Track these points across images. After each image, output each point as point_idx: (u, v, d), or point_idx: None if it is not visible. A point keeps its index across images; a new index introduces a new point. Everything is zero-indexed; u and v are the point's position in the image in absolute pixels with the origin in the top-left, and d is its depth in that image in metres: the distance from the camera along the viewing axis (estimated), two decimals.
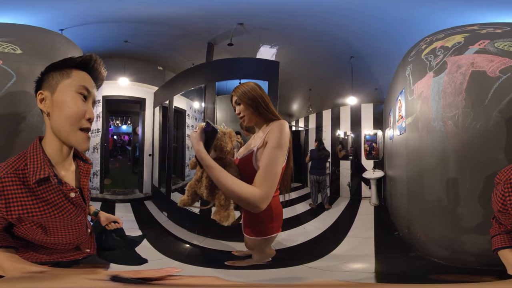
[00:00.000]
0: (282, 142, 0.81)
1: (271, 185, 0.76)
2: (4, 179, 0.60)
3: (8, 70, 1.15)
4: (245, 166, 0.88)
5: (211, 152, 0.87)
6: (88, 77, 0.70)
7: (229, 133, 0.91)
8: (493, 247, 0.89)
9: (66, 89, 0.65)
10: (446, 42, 1.52)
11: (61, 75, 0.66)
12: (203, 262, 1.79)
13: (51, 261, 0.73)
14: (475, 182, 1.30)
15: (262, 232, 1.00)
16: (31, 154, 0.64)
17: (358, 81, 2.50)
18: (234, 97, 0.96)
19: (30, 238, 0.68)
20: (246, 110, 0.93)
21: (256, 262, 1.30)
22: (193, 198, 0.97)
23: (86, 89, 0.67)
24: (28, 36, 1.41)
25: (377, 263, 1.61)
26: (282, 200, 1.04)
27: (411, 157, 1.77)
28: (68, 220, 0.69)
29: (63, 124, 0.64)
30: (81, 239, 0.77)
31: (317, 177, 2.53)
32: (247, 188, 0.73)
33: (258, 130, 0.97)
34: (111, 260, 0.90)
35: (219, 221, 0.87)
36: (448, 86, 1.38)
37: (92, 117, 0.68)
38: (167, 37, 2.34)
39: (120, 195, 2.54)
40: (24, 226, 0.65)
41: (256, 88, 0.94)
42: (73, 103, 0.64)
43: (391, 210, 2.34)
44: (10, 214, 0.61)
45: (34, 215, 0.63)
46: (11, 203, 0.61)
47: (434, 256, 1.50)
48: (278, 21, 2.04)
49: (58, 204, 0.66)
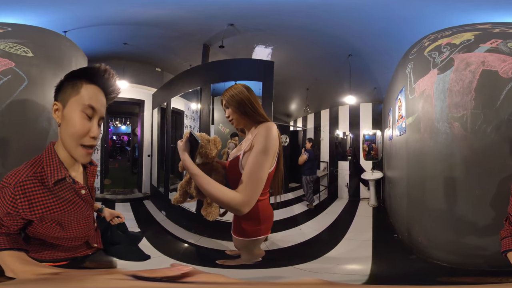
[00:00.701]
0: (268, 146, 0.77)
1: (254, 190, 0.74)
2: (26, 182, 0.63)
3: (20, 74, 1.15)
4: (233, 169, 0.87)
5: (197, 158, 0.91)
6: (96, 93, 0.68)
7: (213, 140, 0.94)
8: (503, 249, 0.85)
9: (73, 107, 0.66)
10: (453, 39, 1.37)
11: (72, 89, 0.67)
12: (196, 260, 1.77)
13: (68, 257, 0.77)
14: (484, 187, 1.18)
15: (248, 234, 0.97)
16: (47, 158, 0.68)
17: (357, 80, 2.36)
18: (223, 101, 0.94)
19: (47, 236, 0.71)
20: (234, 113, 0.91)
21: (244, 262, 1.27)
22: (184, 196, 1.03)
23: (91, 108, 0.67)
24: (38, 38, 1.40)
25: (374, 265, 1.53)
26: (273, 202, 1.02)
27: (412, 159, 1.63)
28: (80, 214, 0.73)
29: (66, 139, 0.67)
30: (90, 232, 0.81)
31: (312, 177, 2.46)
32: (228, 193, 0.73)
33: (248, 133, 0.95)
34: (118, 255, 0.92)
35: (206, 216, 0.93)
36: (455, 84, 1.22)
37: (96, 135, 0.68)
38: (164, 39, 2.29)
39: (119, 195, 2.50)
40: (44, 224, 0.68)
41: (244, 91, 0.91)
42: (78, 121, 0.66)
43: (390, 212, 2.22)
44: (34, 214, 0.64)
45: (55, 211, 0.67)
46: (34, 204, 0.64)
47: (437, 259, 1.40)
48: (272, 20, 1.94)
49: (72, 200, 0.71)
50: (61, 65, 1.36)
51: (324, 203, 2.60)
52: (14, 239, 0.67)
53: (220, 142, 0.96)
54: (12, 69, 1.12)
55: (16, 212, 0.63)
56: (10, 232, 0.67)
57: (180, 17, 1.95)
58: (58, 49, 1.46)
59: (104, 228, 0.93)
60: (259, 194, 0.76)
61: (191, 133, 0.82)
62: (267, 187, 0.92)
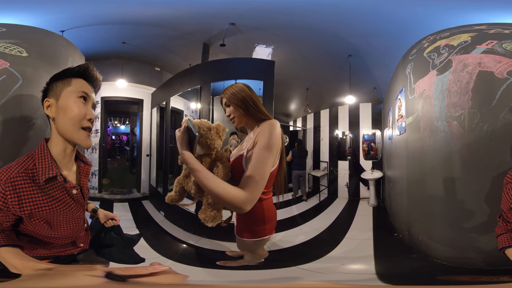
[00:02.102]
0: (272, 142, 0.76)
1: (257, 187, 0.72)
2: (16, 178, 0.64)
3: (15, 73, 1.16)
4: (237, 168, 0.84)
5: (197, 149, 0.80)
6: (86, 83, 0.75)
7: (215, 128, 0.84)
8: (500, 246, 0.86)
9: (68, 96, 0.71)
10: (451, 41, 1.42)
11: (63, 84, 0.72)
12: (195, 261, 1.74)
13: (52, 256, 0.76)
14: (482, 184, 1.22)
15: (253, 234, 0.96)
16: (39, 155, 0.69)
17: (356, 80, 2.40)
18: (223, 99, 0.92)
19: (36, 233, 0.72)
20: (236, 111, 0.89)
21: (247, 263, 1.26)
22: (180, 194, 0.91)
23: (85, 93, 0.73)
24: (33, 38, 1.40)
25: (377, 264, 1.53)
26: (276, 202, 0.99)
27: (412, 158, 1.66)
28: (70, 215, 0.73)
29: (67, 125, 0.69)
30: (79, 233, 0.81)
31: (298, 172, 2.72)
32: (231, 191, 0.70)
33: (250, 131, 0.93)
34: (109, 258, 0.90)
35: (204, 221, 0.79)
36: (453, 85, 1.28)
37: (92, 117, 0.73)
38: (163, 38, 2.29)
39: (118, 195, 2.50)
40: (33, 222, 0.68)
41: (245, 89, 0.90)
42: (75, 106, 0.70)
43: (390, 211, 2.24)
44: (23, 210, 0.65)
45: (43, 209, 0.67)
46: (24, 200, 0.65)
47: (437, 257, 1.43)
48: (273, 20, 1.96)
49: (62, 200, 0.71)
50: (56, 64, 1.36)
51: (324, 202, 2.63)
52: (8, 235, 0.69)
53: (224, 129, 0.86)
54: (7, 69, 1.13)
55: (6, 208, 0.64)
56: (4, 228, 0.68)
57: (181, 16, 1.96)
58: (54, 48, 1.46)
59: (97, 229, 0.93)
60: (261, 191, 0.74)
61: (189, 122, 0.75)
62: (270, 186, 0.90)
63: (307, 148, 2.89)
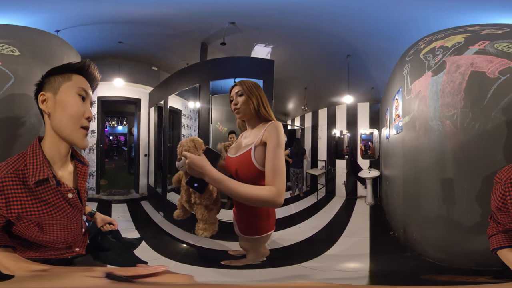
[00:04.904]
0: (281, 142, 0.85)
1: (282, 180, 0.80)
2: (4, 179, 0.61)
3: (6, 72, 1.14)
4: (243, 163, 0.89)
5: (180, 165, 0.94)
6: (85, 81, 0.73)
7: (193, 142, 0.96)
8: (492, 247, 0.87)
9: (68, 90, 0.68)
10: (446, 42, 1.47)
11: (63, 78, 0.69)
12: (199, 261, 1.76)
13: (42, 258, 0.73)
14: (473, 182, 1.26)
15: (258, 230, 0.99)
16: (30, 155, 0.65)
17: (355, 80, 2.43)
18: (236, 88, 0.95)
19: (26, 236, 0.69)
20: (246, 104, 0.92)
21: (250, 262, 1.27)
22: (184, 210, 1.09)
23: (84, 91, 0.71)
24: (26, 37, 1.40)
25: (371, 263, 1.57)
26: None
27: (408, 157, 1.72)
28: (65, 220, 0.69)
29: (66, 123, 0.66)
30: (75, 238, 0.78)
31: (296, 169, 2.78)
32: (263, 190, 0.77)
33: (250, 128, 0.97)
34: (105, 261, 0.89)
35: (196, 232, 0.95)
36: (446, 86, 1.32)
37: (90, 116, 0.71)
38: (160, 37, 2.29)
39: (116, 196, 2.51)
40: (22, 224, 0.66)
41: (260, 87, 0.96)
42: (75, 103, 0.68)
43: (386, 209, 2.30)
44: (10, 213, 0.62)
45: (33, 213, 0.64)
46: (11, 202, 0.62)
47: (429, 256, 1.47)
48: (271, 19, 1.98)
49: (56, 204, 0.67)
50: (51, 63, 1.35)
51: (322, 201, 2.68)
52: (1, 236, 0.67)
53: (201, 143, 0.98)
54: None
55: None
56: None
57: (178, 15, 1.97)
58: (48, 47, 1.46)
59: (94, 233, 0.90)
60: (285, 183, 0.82)
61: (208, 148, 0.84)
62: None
63: (305, 147, 2.94)
